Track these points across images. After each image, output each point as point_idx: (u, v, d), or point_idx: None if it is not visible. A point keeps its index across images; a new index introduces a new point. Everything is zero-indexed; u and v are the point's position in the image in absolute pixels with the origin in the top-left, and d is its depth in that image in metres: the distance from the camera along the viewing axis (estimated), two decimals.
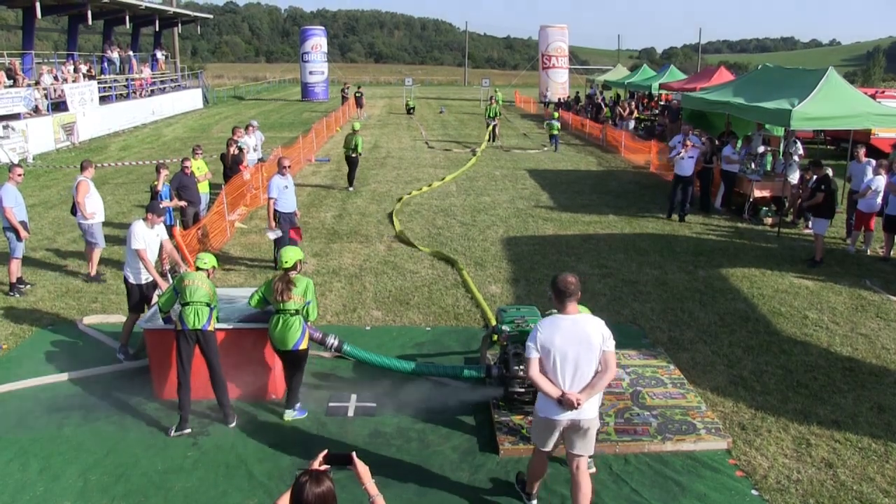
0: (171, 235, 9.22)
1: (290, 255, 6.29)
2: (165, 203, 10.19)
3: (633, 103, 32.18)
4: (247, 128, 16.10)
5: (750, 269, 10.66)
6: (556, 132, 24.39)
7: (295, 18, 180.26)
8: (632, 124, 27.67)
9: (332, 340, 6.52)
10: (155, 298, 7.36)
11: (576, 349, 4.46)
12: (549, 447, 4.80)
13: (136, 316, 7.42)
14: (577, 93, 41.96)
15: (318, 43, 47.67)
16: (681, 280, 10.08)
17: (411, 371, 6.60)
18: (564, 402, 4.49)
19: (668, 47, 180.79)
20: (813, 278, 10.28)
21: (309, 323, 6.29)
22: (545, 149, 24.34)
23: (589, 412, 4.59)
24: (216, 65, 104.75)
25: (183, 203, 10.96)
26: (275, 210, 9.93)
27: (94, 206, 9.75)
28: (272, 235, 10.40)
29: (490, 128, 25.69)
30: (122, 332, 7.50)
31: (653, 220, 13.80)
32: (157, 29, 38.04)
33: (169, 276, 9.23)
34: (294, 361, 6.23)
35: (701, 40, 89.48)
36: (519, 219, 13.76)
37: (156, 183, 10.41)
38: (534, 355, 4.52)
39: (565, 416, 4.56)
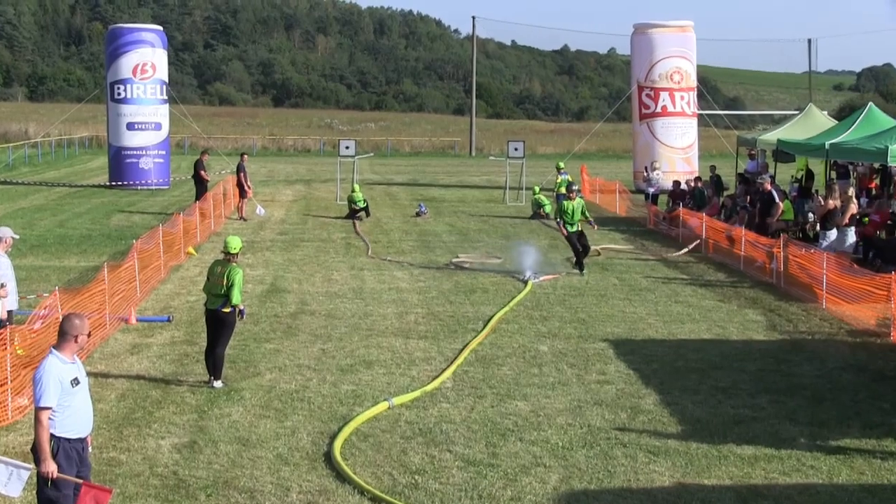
0: None
1: None
2: None
3: (845, 187, 32.94)
4: None
5: None
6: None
7: (97, 5, 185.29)
8: (834, 235, 28.06)
9: None
10: None
11: None
12: None
13: None
14: (714, 168, 43.17)
15: (146, 59, 49.51)
16: None
17: None
18: None
19: None
20: None
21: None
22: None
23: None
24: None
25: None
26: (52, 436, 10.05)
27: None
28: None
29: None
30: None
31: None
32: None
33: None
34: None
35: None
36: (593, 451, 13.87)
37: None
38: None
39: None
